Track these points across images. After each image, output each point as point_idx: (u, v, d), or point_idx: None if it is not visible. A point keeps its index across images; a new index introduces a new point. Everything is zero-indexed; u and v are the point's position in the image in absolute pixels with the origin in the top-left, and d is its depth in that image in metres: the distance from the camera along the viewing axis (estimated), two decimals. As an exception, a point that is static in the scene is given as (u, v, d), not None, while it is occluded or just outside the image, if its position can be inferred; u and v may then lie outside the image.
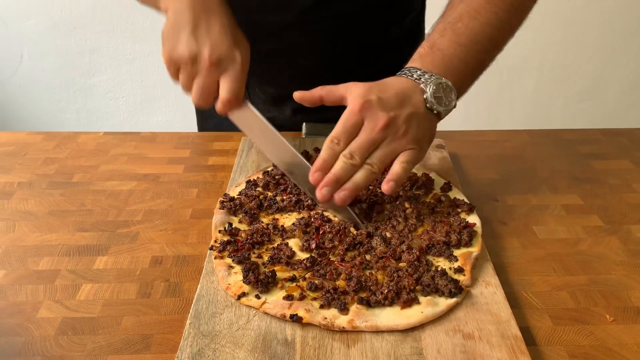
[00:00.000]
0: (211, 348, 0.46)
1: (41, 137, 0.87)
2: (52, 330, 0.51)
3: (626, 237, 0.65)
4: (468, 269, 0.55)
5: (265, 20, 0.83)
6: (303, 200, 0.66)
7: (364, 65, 0.89)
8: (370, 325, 0.48)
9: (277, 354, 0.46)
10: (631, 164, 0.80)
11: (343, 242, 0.59)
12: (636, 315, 0.53)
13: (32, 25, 1.90)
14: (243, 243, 0.58)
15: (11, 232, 0.65)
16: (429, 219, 0.63)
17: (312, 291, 0.52)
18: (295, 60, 0.87)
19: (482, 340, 0.48)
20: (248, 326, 0.49)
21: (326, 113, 0.91)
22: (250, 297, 0.52)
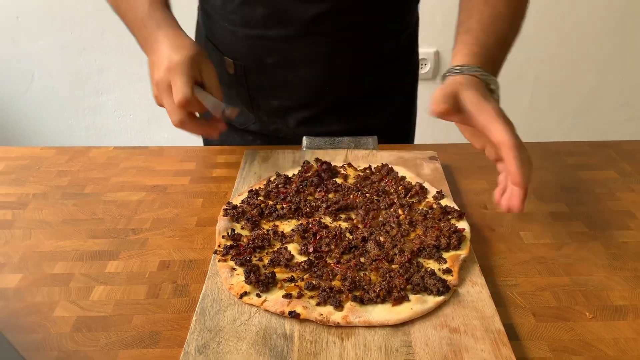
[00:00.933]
0: (215, 341, 0.50)
1: (54, 151, 0.91)
2: (67, 328, 0.55)
3: (608, 242, 0.68)
4: (456, 270, 0.59)
5: (269, 35, 0.88)
6: (302, 209, 0.70)
7: (362, 78, 0.94)
8: (363, 321, 0.52)
9: (276, 346, 0.50)
10: (616, 174, 0.84)
11: (339, 246, 0.63)
12: (614, 313, 0.57)
13: (43, 45, 1.96)
14: (245, 247, 0.62)
15: (27, 240, 0.69)
16: (421, 224, 0.67)
17: (310, 290, 0.56)
18: (298, 73, 0.91)
19: (467, 334, 0.51)
20: (250, 322, 0.53)
21: (329, 127, 0.95)
22: (252, 296, 0.55)
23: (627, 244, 0.68)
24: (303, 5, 0.84)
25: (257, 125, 0.99)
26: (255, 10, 0.86)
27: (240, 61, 0.93)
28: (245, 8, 0.87)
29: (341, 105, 0.95)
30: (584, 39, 2.03)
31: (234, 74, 0.94)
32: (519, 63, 2.02)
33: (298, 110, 0.95)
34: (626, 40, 2.03)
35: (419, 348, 0.50)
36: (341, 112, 0.95)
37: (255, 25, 0.88)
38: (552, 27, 1.98)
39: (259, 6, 0.86)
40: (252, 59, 0.91)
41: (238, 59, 0.93)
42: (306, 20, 0.85)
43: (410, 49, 1.01)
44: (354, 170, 0.80)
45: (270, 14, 0.86)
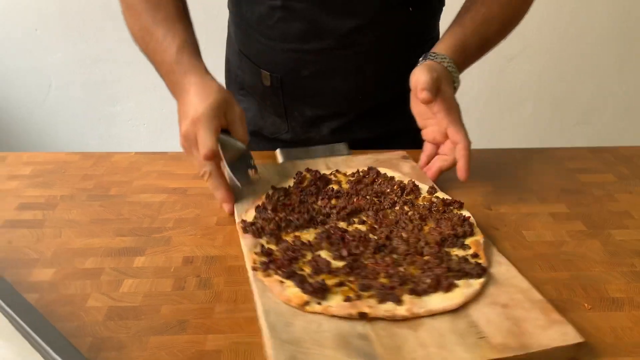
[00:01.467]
0: (301, 352, 0.51)
1: (78, 156, 0.96)
2: (100, 317, 0.59)
3: (606, 239, 0.72)
4: (482, 254, 0.64)
5: (305, 48, 0.94)
6: (315, 217, 0.73)
7: (391, 86, 0.99)
8: (426, 310, 0.55)
9: (358, 347, 0.52)
10: (615, 177, 0.88)
11: (368, 247, 0.65)
12: (611, 304, 0.61)
13: (60, 57, 2.03)
14: (282, 260, 0.63)
15: (58, 238, 0.73)
16: (430, 218, 0.71)
17: (364, 291, 0.58)
18: (331, 83, 0.97)
19: (517, 307, 0.57)
20: (322, 329, 0.54)
21: (359, 134, 1.00)
22: (313, 305, 0.56)
23: (625, 241, 0.71)
24: (339, 21, 0.90)
25: (289, 135, 1.04)
26: (293, 25, 0.92)
27: (276, 73, 0.98)
28: (283, 24, 0.92)
29: (370, 112, 1.01)
30: (585, 50, 2.08)
31: (269, 86, 0.99)
32: (522, 72, 2.06)
33: (331, 119, 1.01)
34: (626, 50, 2.08)
35: (484, 326, 0.54)
36: (370, 119, 1.01)
37: (293, 40, 0.93)
38: (554, 38, 2.04)
39: (296, 22, 0.91)
40: (287, 71, 0.97)
41: (274, 71, 0.98)
42: (341, 34, 0.91)
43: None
44: (344, 175, 0.83)
45: (307, 29, 0.91)
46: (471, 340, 0.53)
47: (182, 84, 0.78)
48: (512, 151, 0.97)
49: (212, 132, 0.73)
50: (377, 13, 0.91)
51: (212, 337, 0.56)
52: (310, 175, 0.81)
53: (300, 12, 0.90)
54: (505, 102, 2.10)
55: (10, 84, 2.08)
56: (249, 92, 1.07)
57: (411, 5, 0.93)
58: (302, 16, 0.90)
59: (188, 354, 0.54)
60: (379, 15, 0.91)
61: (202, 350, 0.54)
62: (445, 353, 0.51)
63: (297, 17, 0.91)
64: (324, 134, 1.01)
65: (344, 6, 0.90)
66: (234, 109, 0.78)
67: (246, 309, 0.60)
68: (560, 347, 0.52)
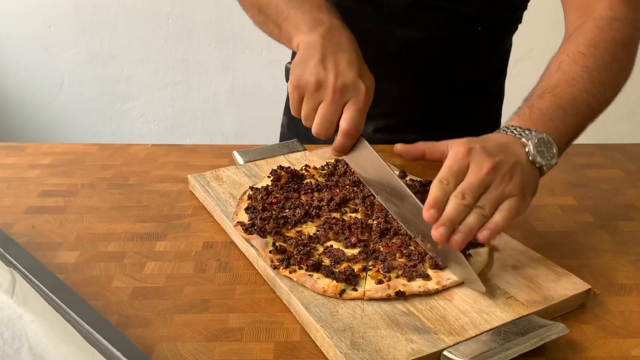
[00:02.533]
0: (357, 336, 0.53)
1: (96, 147, 0.98)
2: (125, 297, 0.61)
3: (614, 230, 0.74)
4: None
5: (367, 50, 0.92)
6: (309, 211, 0.73)
7: (447, 99, 1.00)
8: (453, 281, 0.59)
9: (408, 323, 0.54)
10: (621, 172, 0.90)
11: (372, 233, 0.68)
12: (620, 290, 0.63)
13: (73, 54, 2.06)
14: (299, 255, 0.63)
15: (80, 222, 0.75)
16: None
17: (389, 272, 0.61)
18: (385, 87, 0.96)
19: (525, 266, 0.63)
20: (366, 313, 0.56)
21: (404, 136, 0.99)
22: (349, 292, 0.58)
23: (632, 232, 0.73)
24: (404, 30, 0.91)
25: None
26: (359, 26, 0.88)
27: None
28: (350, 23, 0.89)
29: (420, 118, 1.01)
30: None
31: None
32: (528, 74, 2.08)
33: (378, 119, 1.01)
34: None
35: (507, 287, 0.59)
36: (418, 125, 1.01)
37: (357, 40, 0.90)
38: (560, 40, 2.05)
39: (363, 23, 0.90)
40: None
41: None
42: (404, 43, 0.92)
43: (497, 75, 1.05)
44: (314, 169, 0.84)
45: (372, 32, 0.92)
46: (502, 301, 0.57)
47: (331, 23, 0.72)
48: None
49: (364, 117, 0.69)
50: (443, 29, 0.90)
51: (234, 315, 0.58)
52: (286, 172, 0.82)
53: (366, 15, 0.91)
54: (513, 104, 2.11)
55: (24, 80, 2.12)
56: None
57: (481, 25, 0.91)
58: (368, 19, 0.91)
59: (212, 331, 0.56)
60: (444, 30, 0.91)
61: (225, 327, 0.57)
62: (485, 315, 0.56)
63: (363, 20, 0.91)
64: (370, 130, 1.02)
65: (410, 17, 0.90)
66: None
67: (265, 290, 0.62)
68: (574, 295, 0.58)
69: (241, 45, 1.97)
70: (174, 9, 1.99)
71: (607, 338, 0.56)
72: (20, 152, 0.95)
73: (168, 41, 2.02)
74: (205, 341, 0.55)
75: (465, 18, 0.90)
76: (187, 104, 2.14)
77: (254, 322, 0.57)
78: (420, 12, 0.89)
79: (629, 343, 0.55)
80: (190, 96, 2.11)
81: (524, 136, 0.64)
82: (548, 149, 0.63)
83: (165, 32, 2.02)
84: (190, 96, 2.11)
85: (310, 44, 0.69)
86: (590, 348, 0.54)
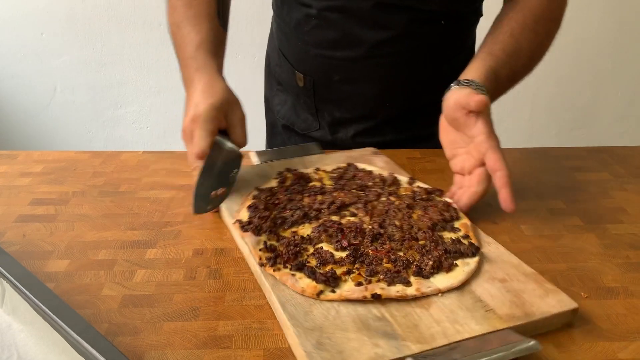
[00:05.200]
0: (325, 337, 0.54)
1: (88, 155, 0.98)
2: (115, 305, 0.61)
3: (602, 233, 0.74)
4: (472, 235, 0.68)
5: (337, 55, 0.97)
6: (308, 213, 0.74)
7: (418, 94, 1.02)
8: (433, 289, 0.59)
9: (379, 327, 0.55)
10: (610, 175, 0.90)
11: (365, 237, 0.68)
12: (607, 293, 0.63)
13: (66, 61, 2.06)
14: (287, 255, 0.65)
15: (71, 231, 0.76)
16: (417, 206, 0.75)
17: (372, 276, 0.61)
18: (360, 89, 1.00)
19: (513, 280, 0.61)
20: (340, 314, 0.56)
21: (384, 136, 1.02)
22: (327, 293, 0.59)
23: (620, 235, 0.74)
24: (371, 32, 0.93)
25: (319, 133, 1.07)
26: (326, 33, 0.95)
27: (309, 76, 1.02)
28: (318, 31, 0.96)
29: (397, 117, 1.04)
30: (581, 56, 2.12)
31: (303, 86, 1.04)
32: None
33: (357, 122, 1.04)
34: (620, 58, 2.12)
35: (489, 300, 0.58)
36: (396, 124, 1.04)
37: (325, 47, 0.97)
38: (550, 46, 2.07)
39: (330, 30, 0.95)
40: (320, 75, 1.01)
41: (307, 73, 1.02)
42: (372, 44, 0.94)
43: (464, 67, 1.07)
44: (324, 172, 0.85)
45: (339, 38, 0.95)
46: (480, 314, 0.57)
47: (192, 80, 0.81)
48: (511, 150, 0.99)
49: (208, 132, 0.75)
50: (408, 26, 0.92)
51: (224, 322, 0.58)
52: (292, 175, 0.84)
53: (333, 22, 0.93)
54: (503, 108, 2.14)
55: (17, 87, 2.11)
56: (285, 89, 1.11)
57: (443, 19, 0.95)
58: (335, 25, 0.93)
59: (201, 338, 0.56)
60: (409, 27, 0.93)
61: (214, 335, 0.57)
62: (459, 326, 0.55)
63: (331, 26, 0.94)
64: (350, 134, 1.05)
65: (376, 18, 0.92)
66: (236, 111, 0.79)
67: (255, 297, 0.62)
68: (558, 314, 0.57)
69: (233, 50, 1.98)
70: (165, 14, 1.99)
71: (594, 341, 0.56)
72: (11, 160, 0.95)
73: (160, 47, 2.02)
74: (194, 349, 0.55)
75: (428, 13, 0.92)
76: (180, 109, 2.13)
77: (243, 329, 0.57)
78: (385, 12, 0.91)
79: (616, 346, 0.56)
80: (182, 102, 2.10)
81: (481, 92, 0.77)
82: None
83: (157, 38, 2.02)
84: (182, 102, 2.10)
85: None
86: (577, 351, 0.55)
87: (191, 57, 0.83)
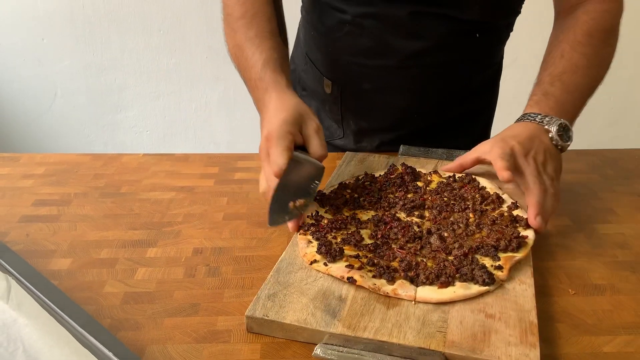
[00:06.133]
0: (283, 293, 0.60)
1: (89, 157, 1.00)
2: (117, 301, 0.63)
3: (591, 233, 0.77)
4: (507, 267, 0.63)
5: (369, 64, 0.96)
6: (381, 203, 0.77)
7: (447, 107, 1.03)
8: (409, 295, 0.59)
9: (331, 304, 0.59)
10: (599, 177, 0.93)
11: (405, 236, 0.69)
12: (594, 290, 0.65)
13: (66, 66, 2.08)
14: (324, 227, 0.70)
15: (73, 230, 0.77)
16: (488, 228, 0.71)
17: (370, 266, 0.63)
18: (390, 99, 1.00)
19: (501, 320, 0.57)
20: (314, 283, 0.62)
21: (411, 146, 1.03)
22: (320, 264, 0.64)
23: (608, 235, 0.76)
24: (405, 42, 0.92)
25: (342, 141, 1.07)
26: (360, 41, 0.94)
27: (338, 83, 1.01)
28: (351, 38, 0.94)
29: (424, 130, 1.03)
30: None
31: (330, 93, 1.03)
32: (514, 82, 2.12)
33: (384, 132, 1.04)
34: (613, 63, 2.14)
35: (453, 324, 0.56)
36: (423, 136, 1.02)
37: (358, 54, 0.96)
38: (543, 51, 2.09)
39: (363, 38, 0.93)
40: (349, 83, 1.00)
41: (336, 80, 1.01)
42: (406, 55, 0.93)
43: (493, 82, 1.09)
44: (439, 177, 0.84)
45: (373, 46, 0.94)
46: (429, 330, 0.55)
47: (264, 100, 0.79)
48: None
49: (283, 149, 0.70)
50: (443, 37, 0.92)
51: (222, 318, 0.60)
52: (402, 168, 0.85)
53: (367, 30, 0.92)
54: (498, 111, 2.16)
55: (18, 92, 2.14)
56: (310, 95, 1.10)
57: (478, 32, 0.94)
58: (369, 33, 0.92)
59: (201, 333, 0.58)
60: (444, 39, 0.92)
61: (213, 329, 0.59)
62: (396, 330, 0.55)
63: (365, 34, 0.93)
64: (375, 144, 1.05)
65: (411, 28, 0.91)
66: (311, 123, 0.76)
67: (253, 293, 0.63)
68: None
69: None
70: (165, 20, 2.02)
71: (580, 335, 0.58)
72: (14, 163, 0.97)
73: (160, 52, 2.05)
74: (194, 343, 0.57)
75: (465, 24, 0.92)
76: (179, 113, 2.16)
77: (241, 324, 0.59)
78: (421, 21, 0.90)
79: (601, 340, 0.58)
80: (182, 106, 2.14)
81: (545, 123, 0.78)
82: (566, 132, 0.78)
83: (157, 43, 2.04)
84: (182, 106, 2.14)
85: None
86: (563, 345, 0.57)
87: (259, 78, 0.81)
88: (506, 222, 0.72)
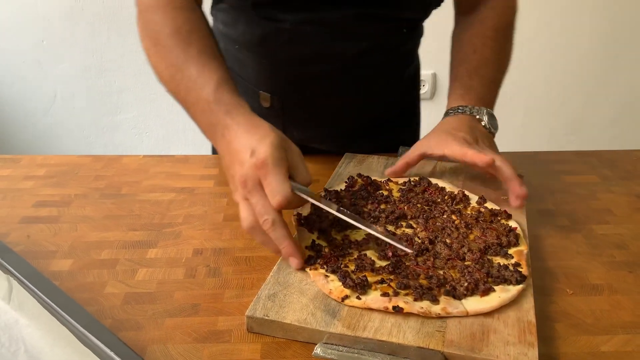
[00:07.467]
0: (283, 293, 0.61)
1: (89, 159, 1.01)
2: (118, 302, 0.63)
3: (589, 234, 0.77)
4: (524, 264, 0.64)
5: (309, 70, 0.95)
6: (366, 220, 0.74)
7: (386, 102, 1.06)
8: (460, 311, 0.58)
9: (331, 304, 0.59)
10: (598, 178, 0.93)
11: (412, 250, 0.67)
12: (591, 290, 0.66)
13: (66, 67, 2.09)
14: (329, 256, 0.66)
15: (74, 231, 0.78)
16: (476, 226, 0.72)
17: (402, 289, 0.60)
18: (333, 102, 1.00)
19: (499, 319, 0.57)
20: (314, 284, 0.62)
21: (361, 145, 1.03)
22: (352, 299, 0.59)
23: (606, 235, 0.77)
24: (345, 45, 0.91)
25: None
26: (299, 48, 0.91)
27: (277, 95, 0.98)
28: (289, 47, 0.92)
29: (370, 125, 1.05)
30: (573, 62, 2.16)
31: (268, 107, 1.00)
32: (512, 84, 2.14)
33: (332, 134, 1.05)
34: (611, 64, 2.16)
35: (452, 324, 0.57)
36: (371, 132, 1.05)
37: (299, 62, 0.94)
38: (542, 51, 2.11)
39: (303, 45, 0.91)
40: (289, 93, 0.98)
41: (274, 92, 0.98)
42: (349, 57, 0.93)
43: (412, 81, 1.13)
44: (395, 184, 0.84)
45: (316, 52, 0.92)
46: (428, 330, 0.56)
47: (224, 124, 0.71)
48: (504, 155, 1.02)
49: (284, 176, 0.64)
50: (384, 37, 0.94)
51: (223, 318, 0.61)
52: (362, 180, 0.84)
53: (307, 36, 0.90)
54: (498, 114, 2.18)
55: (18, 94, 2.14)
56: None
57: (405, 27, 0.97)
58: (310, 40, 0.90)
59: (201, 333, 0.58)
60: (384, 38, 0.94)
61: (214, 329, 0.59)
62: (395, 329, 0.56)
63: (304, 41, 0.90)
64: (322, 148, 1.03)
65: (352, 31, 0.90)
66: (293, 149, 0.69)
67: (253, 293, 0.64)
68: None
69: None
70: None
71: (578, 335, 0.58)
72: (15, 164, 0.97)
73: (159, 54, 2.05)
74: (195, 342, 0.57)
75: (402, 22, 0.95)
76: (179, 115, 2.16)
77: (241, 324, 0.60)
78: (366, 23, 0.90)
79: (599, 339, 0.58)
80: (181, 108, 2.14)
81: (476, 113, 0.86)
82: (493, 119, 0.88)
83: (157, 45, 2.04)
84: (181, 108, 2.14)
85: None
86: (562, 344, 0.57)
87: (213, 100, 0.72)
88: (489, 217, 0.74)
